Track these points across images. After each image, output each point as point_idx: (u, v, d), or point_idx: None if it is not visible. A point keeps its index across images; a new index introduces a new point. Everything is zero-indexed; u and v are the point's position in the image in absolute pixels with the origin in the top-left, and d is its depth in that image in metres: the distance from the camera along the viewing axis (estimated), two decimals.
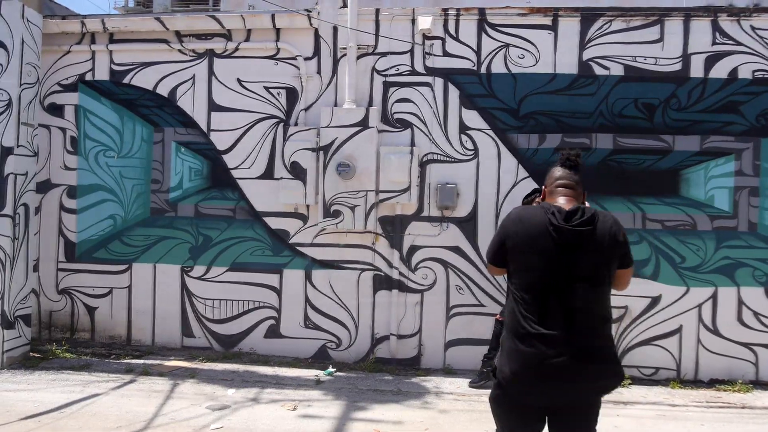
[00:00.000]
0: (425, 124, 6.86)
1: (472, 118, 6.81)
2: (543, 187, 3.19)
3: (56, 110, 7.45)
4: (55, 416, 5.21)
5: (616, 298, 6.30)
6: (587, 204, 3.01)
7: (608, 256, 2.85)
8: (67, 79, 7.44)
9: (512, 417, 2.95)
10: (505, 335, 2.95)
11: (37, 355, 7.00)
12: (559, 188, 3.03)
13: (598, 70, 6.65)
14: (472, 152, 6.81)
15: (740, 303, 6.49)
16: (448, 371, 6.72)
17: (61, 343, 7.23)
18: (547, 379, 2.77)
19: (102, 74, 7.40)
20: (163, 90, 7.29)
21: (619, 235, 2.87)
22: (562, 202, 2.97)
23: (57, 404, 5.48)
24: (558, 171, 3.08)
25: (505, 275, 3.07)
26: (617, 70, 6.63)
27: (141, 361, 6.85)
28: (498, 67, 6.79)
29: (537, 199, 5.65)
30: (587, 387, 2.81)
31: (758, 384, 6.44)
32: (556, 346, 2.74)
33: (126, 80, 7.34)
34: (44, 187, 7.41)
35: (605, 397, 2.99)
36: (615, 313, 6.48)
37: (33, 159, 7.04)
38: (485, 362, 6.20)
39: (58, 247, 7.45)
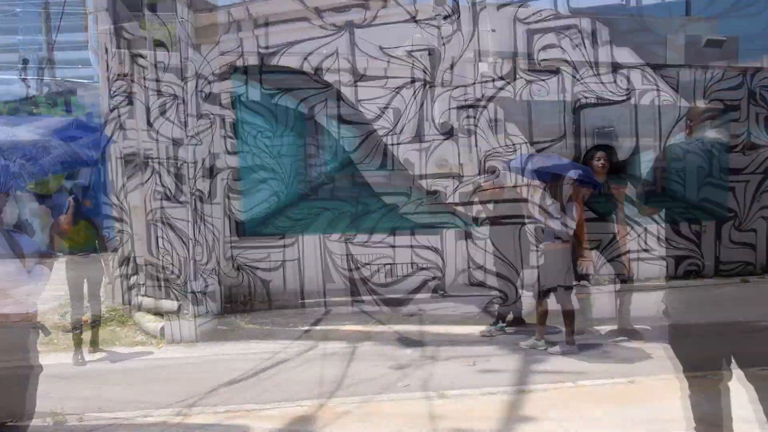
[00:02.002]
0: (575, 68, 6.62)
1: (625, 55, 6.48)
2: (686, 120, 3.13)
3: (213, 99, 7.87)
4: (254, 381, 5.63)
5: None
6: None
7: None
8: (219, 68, 7.82)
9: None
10: None
11: (224, 328, 7.55)
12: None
13: None
14: (626, 92, 6.50)
15: None
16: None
17: (243, 315, 7.76)
18: None
19: (251, 59, 7.72)
20: (309, 66, 7.51)
21: None
22: None
23: (253, 371, 5.89)
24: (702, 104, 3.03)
25: None
26: None
27: (318, 327, 7.23)
28: None
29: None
30: None
31: None
32: None
33: (274, 62, 7.63)
34: (211, 172, 7.89)
35: None
36: None
37: (200, 148, 7.52)
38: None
39: (230, 227, 7.93)
